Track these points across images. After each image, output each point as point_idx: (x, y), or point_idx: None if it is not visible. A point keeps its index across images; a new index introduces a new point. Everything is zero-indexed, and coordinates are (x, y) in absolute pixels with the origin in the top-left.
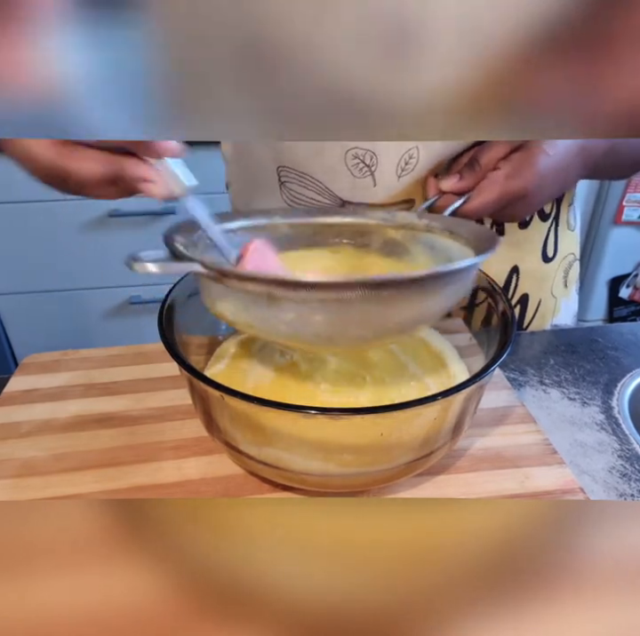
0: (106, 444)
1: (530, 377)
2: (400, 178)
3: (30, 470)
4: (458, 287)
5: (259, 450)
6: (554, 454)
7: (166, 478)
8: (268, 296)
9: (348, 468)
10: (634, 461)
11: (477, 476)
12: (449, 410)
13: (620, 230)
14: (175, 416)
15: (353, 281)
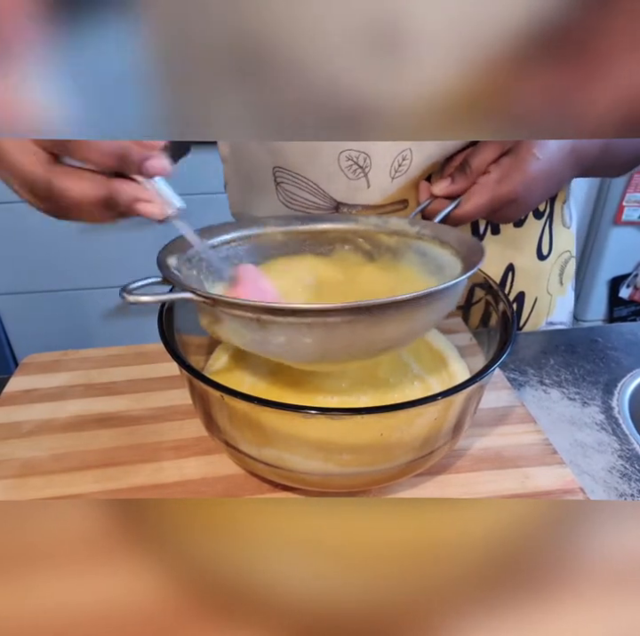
0: (106, 444)
1: (530, 377)
2: (394, 180)
3: (30, 470)
4: (445, 303)
5: (259, 450)
6: (554, 454)
7: (166, 478)
8: (258, 321)
9: (348, 468)
10: (634, 461)
11: (477, 476)
12: (449, 410)
13: (620, 230)
14: (175, 416)
15: (339, 307)
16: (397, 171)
